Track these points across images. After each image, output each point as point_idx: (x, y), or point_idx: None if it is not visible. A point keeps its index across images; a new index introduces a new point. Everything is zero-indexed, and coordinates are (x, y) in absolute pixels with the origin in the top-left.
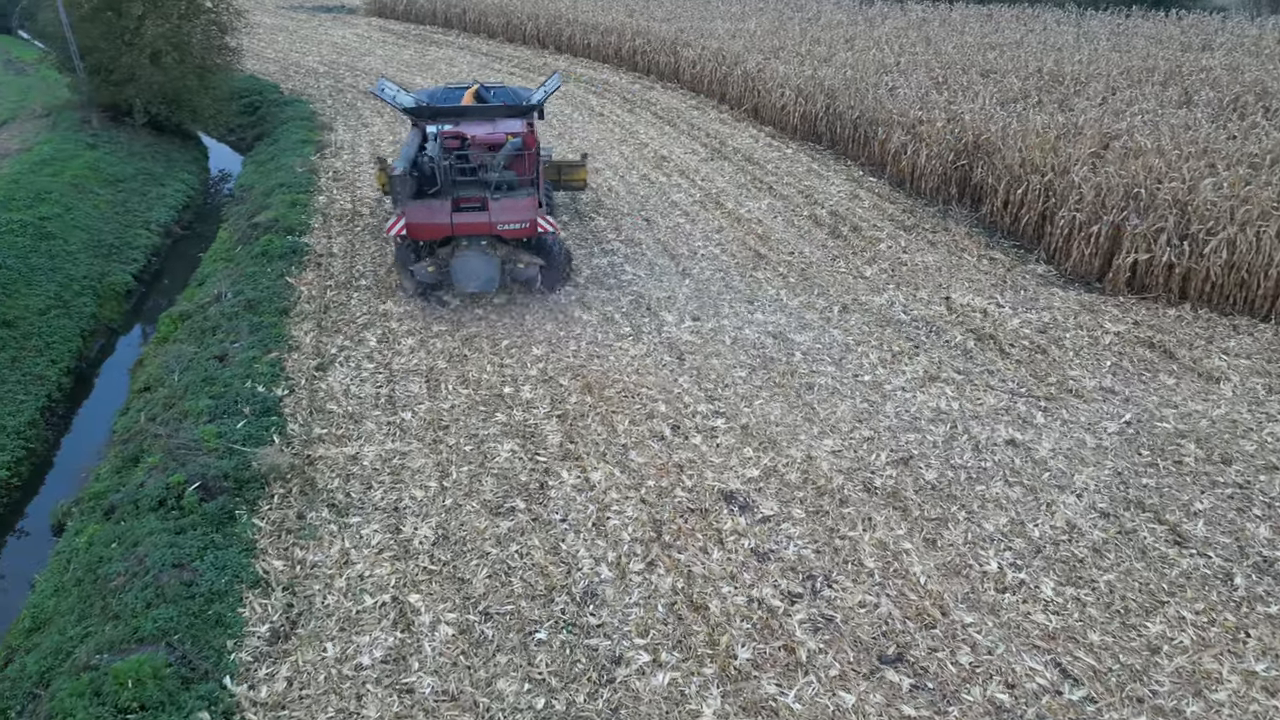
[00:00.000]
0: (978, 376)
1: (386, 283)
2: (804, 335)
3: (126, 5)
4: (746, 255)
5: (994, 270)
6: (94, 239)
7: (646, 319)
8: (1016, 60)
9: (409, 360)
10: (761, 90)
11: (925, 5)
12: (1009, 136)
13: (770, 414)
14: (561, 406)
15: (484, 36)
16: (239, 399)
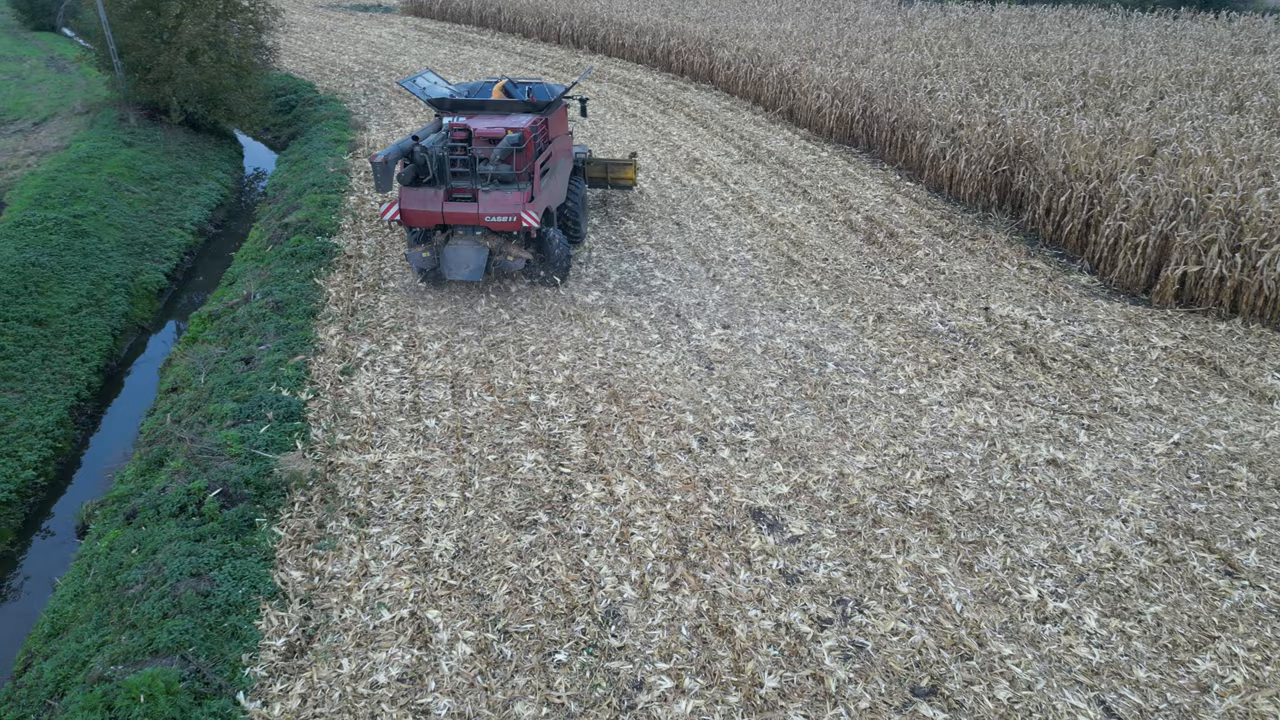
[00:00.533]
0: (1018, 392)
1: (415, 286)
2: (837, 345)
3: (165, 4)
4: (779, 261)
5: (1035, 280)
6: (128, 237)
7: (675, 326)
8: (1060, 63)
9: (434, 365)
10: (797, 92)
11: (966, 6)
12: (1052, 142)
13: (801, 427)
14: (587, 416)
15: (519, 36)
16: (263, 403)
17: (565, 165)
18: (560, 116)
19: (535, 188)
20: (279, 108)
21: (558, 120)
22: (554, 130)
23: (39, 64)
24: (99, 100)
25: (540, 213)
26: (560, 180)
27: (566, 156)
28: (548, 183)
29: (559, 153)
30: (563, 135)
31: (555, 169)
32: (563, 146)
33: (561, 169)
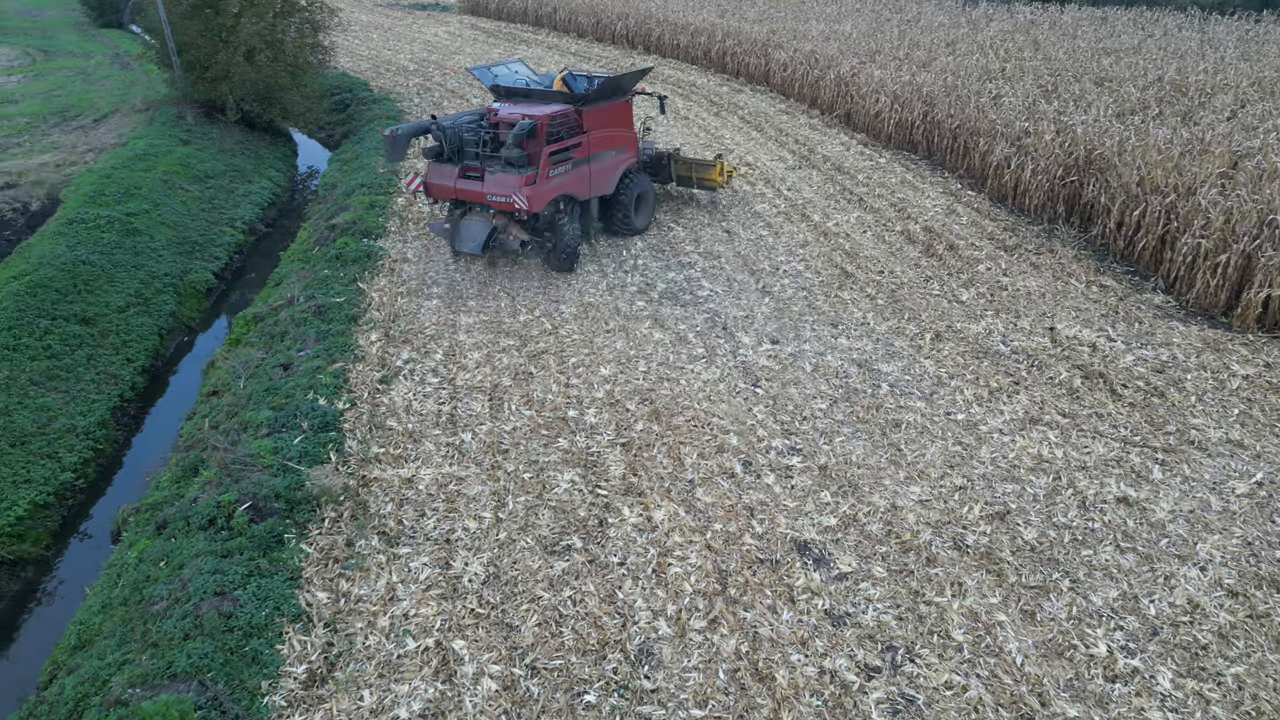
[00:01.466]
0: (1085, 420)
1: (457, 290)
2: (892, 365)
3: (224, 3)
4: (832, 273)
5: (1104, 299)
6: (179, 236)
7: (721, 340)
8: (1134, 68)
9: (473, 376)
10: (855, 95)
11: (1034, 7)
12: (1126, 152)
13: (852, 453)
14: (627, 434)
15: (573, 36)
16: (299, 412)
17: (615, 158)
18: (611, 110)
19: (541, 173)
20: (334, 106)
21: (604, 113)
22: (594, 122)
23: (104, 60)
24: (158, 98)
25: (548, 200)
26: (606, 172)
27: (620, 151)
28: (571, 171)
29: (601, 144)
30: (614, 129)
31: (595, 160)
32: (611, 139)
33: (608, 161)
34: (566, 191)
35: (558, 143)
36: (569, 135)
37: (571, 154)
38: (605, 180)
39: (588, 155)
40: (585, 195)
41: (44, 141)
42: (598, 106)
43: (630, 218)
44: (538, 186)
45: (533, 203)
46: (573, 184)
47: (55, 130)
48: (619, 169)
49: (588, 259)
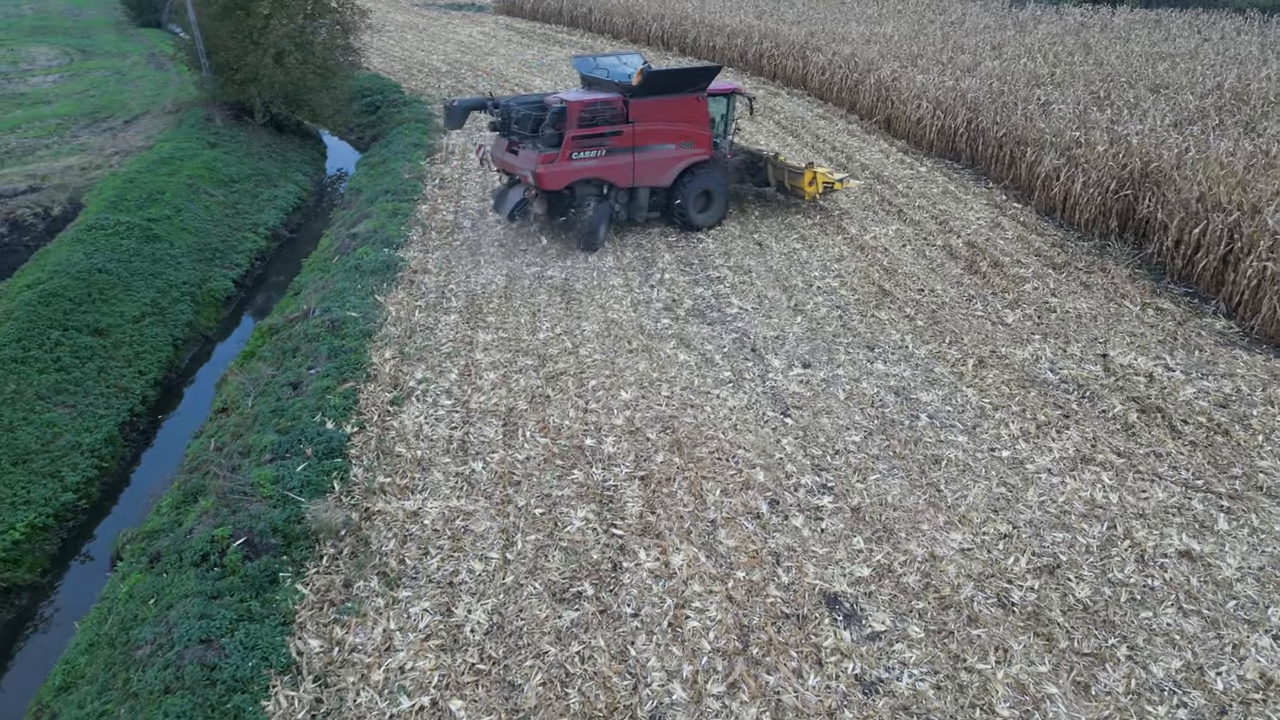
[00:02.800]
0: (1142, 460)
1: (477, 305)
2: (931, 394)
3: (255, 4)
4: (869, 291)
5: (1161, 323)
6: (200, 242)
7: (750, 363)
8: (1191, 74)
9: (488, 399)
10: (895, 101)
11: (1084, 9)
12: (1185, 165)
13: (888, 493)
14: (646, 466)
15: (608, 37)
16: (304, 436)
17: (675, 152)
18: (671, 104)
19: (561, 154)
20: (364, 108)
21: (659, 106)
22: (643, 113)
23: (140, 60)
24: (189, 99)
25: (566, 180)
26: (658, 164)
27: (683, 145)
28: (605, 158)
29: (654, 136)
30: (675, 123)
31: (643, 150)
32: (670, 133)
33: (662, 153)
34: (597, 176)
35: (590, 129)
36: (608, 124)
37: (607, 141)
38: (657, 172)
39: (631, 145)
40: (626, 183)
41: (72, 144)
42: (650, 99)
43: (687, 213)
44: (555, 166)
45: (544, 180)
46: (607, 170)
47: (85, 132)
48: (679, 163)
49: (612, 271)
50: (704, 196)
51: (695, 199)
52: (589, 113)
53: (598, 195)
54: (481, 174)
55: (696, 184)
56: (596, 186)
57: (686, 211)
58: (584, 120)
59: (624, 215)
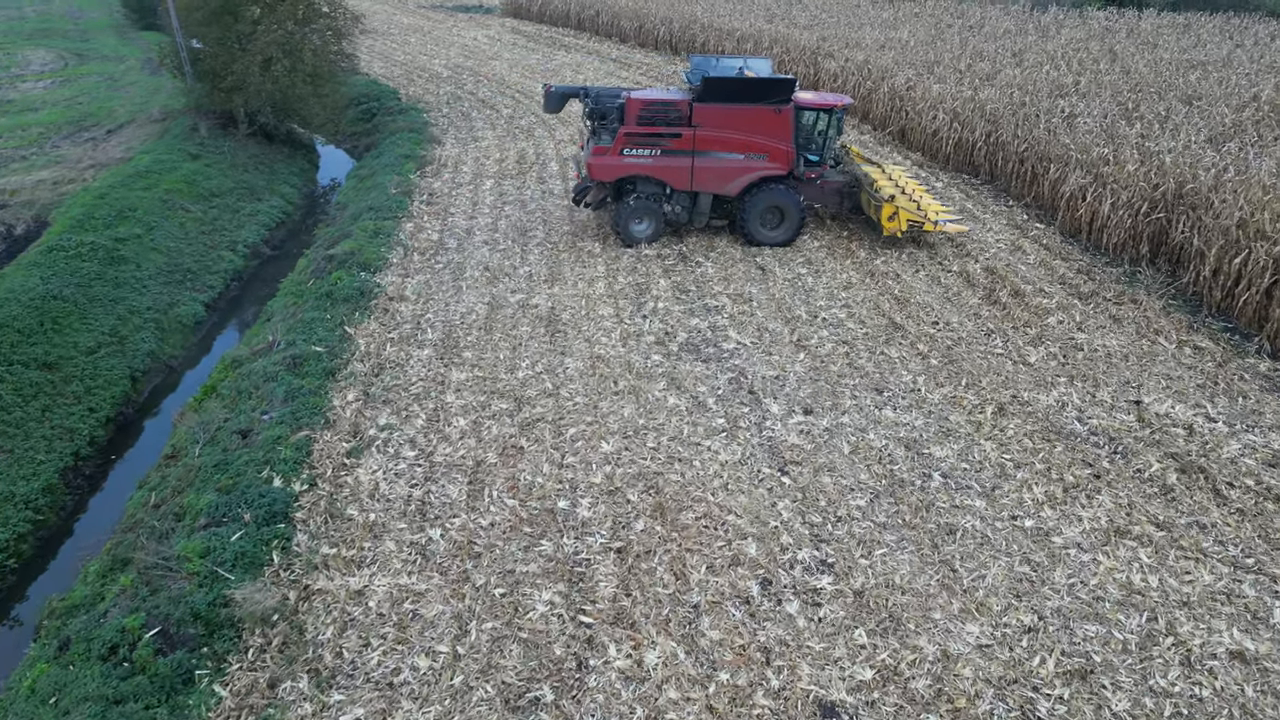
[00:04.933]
0: (1184, 533)
1: (454, 338)
2: (946, 448)
3: (243, 9)
4: (879, 324)
5: (1200, 364)
6: (170, 263)
7: (746, 408)
8: (1225, 84)
9: (455, 450)
10: (910, 111)
11: (1110, 13)
12: (1222, 187)
13: (895, 572)
14: (624, 535)
15: (615, 40)
16: (246, 497)
17: (744, 162)
18: (743, 113)
19: (613, 149)
20: (360, 115)
21: (727, 113)
22: (707, 119)
23: (135, 65)
24: (177, 107)
25: (615, 174)
26: (723, 172)
27: (753, 156)
28: (661, 158)
29: (719, 143)
30: (746, 132)
31: (705, 156)
32: (738, 142)
33: (728, 162)
34: (651, 174)
35: (648, 127)
36: (668, 125)
37: (664, 141)
38: (720, 180)
39: (691, 149)
40: (684, 187)
41: (50, 154)
42: (715, 105)
43: (748, 226)
44: (605, 159)
45: (593, 170)
46: (661, 170)
47: (66, 142)
48: (747, 174)
49: (603, 300)
50: (775, 214)
51: (762, 214)
52: (649, 112)
53: (648, 194)
54: (472, 189)
55: (763, 199)
56: (659, 185)
57: (747, 225)
58: (643, 119)
59: (684, 218)
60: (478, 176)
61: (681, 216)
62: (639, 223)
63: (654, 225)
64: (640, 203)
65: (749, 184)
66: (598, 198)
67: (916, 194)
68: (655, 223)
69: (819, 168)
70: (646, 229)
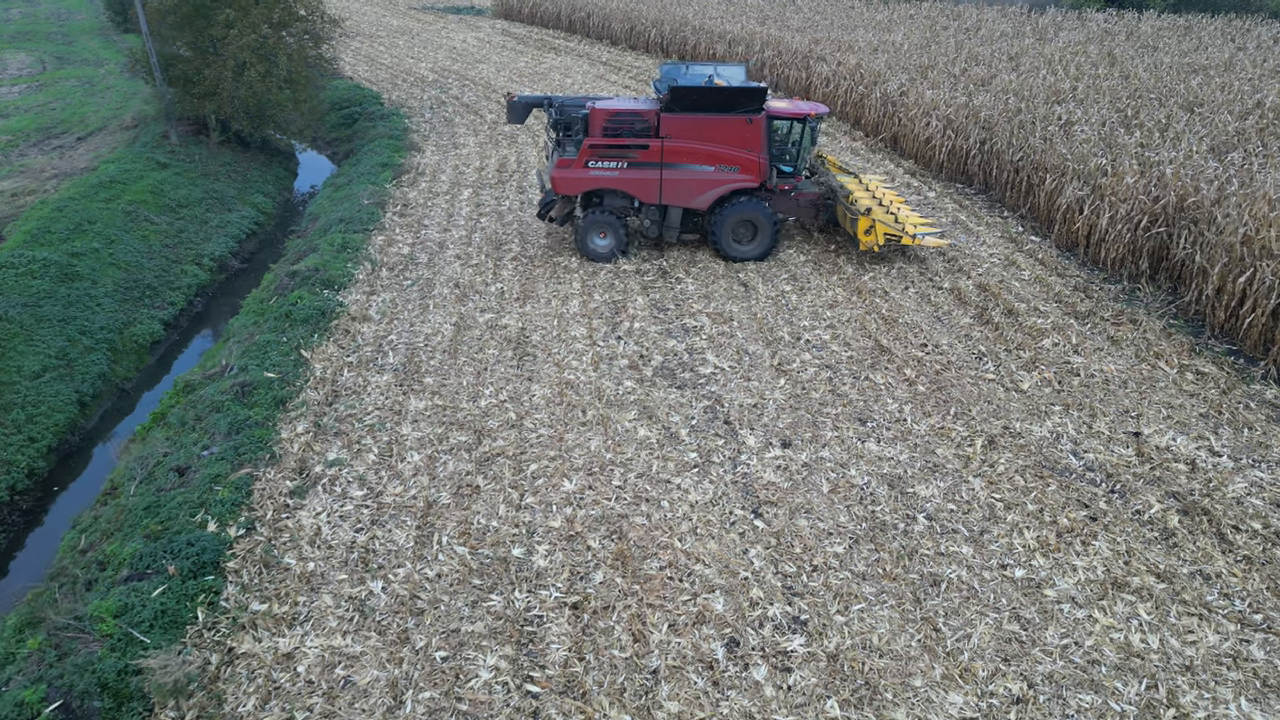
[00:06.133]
0: (1186, 584)
1: (416, 361)
2: (931, 486)
3: (215, 13)
4: (864, 346)
5: (1203, 391)
6: (129, 279)
7: (721, 440)
8: (1227, 89)
9: (407, 488)
10: (903, 118)
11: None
12: (1226, 200)
13: (873, 631)
14: (581, 588)
15: (606, 43)
16: (175, 545)
17: (714, 174)
18: (712, 124)
19: (577, 161)
20: (341, 120)
21: (697, 124)
22: (675, 129)
23: (115, 69)
24: (150, 114)
25: (580, 187)
26: (692, 184)
27: (724, 168)
28: (627, 170)
29: (687, 155)
30: (716, 144)
31: (674, 168)
32: (708, 154)
33: (698, 174)
34: (617, 188)
35: (613, 139)
36: (635, 136)
37: (631, 154)
38: (690, 193)
39: (660, 160)
40: (652, 200)
41: (15, 164)
42: (683, 115)
43: (719, 240)
44: (570, 172)
45: (557, 184)
46: (629, 183)
47: (33, 150)
48: (718, 186)
49: (576, 319)
50: (747, 228)
51: (734, 229)
52: (615, 122)
53: (615, 208)
54: (448, 199)
55: (735, 212)
56: (627, 199)
57: (719, 240)
58: (609, 130)
59: (654, 233)
60: (455, 185)
61: (651, 231)
62: (600, 238)
63: (615, 241)
64: (600, 217)
65: (720, 197)
66: (563, 212)
67: (895, 206)
68: (617, 238)
69: (793, 179)
70: (608, 245)
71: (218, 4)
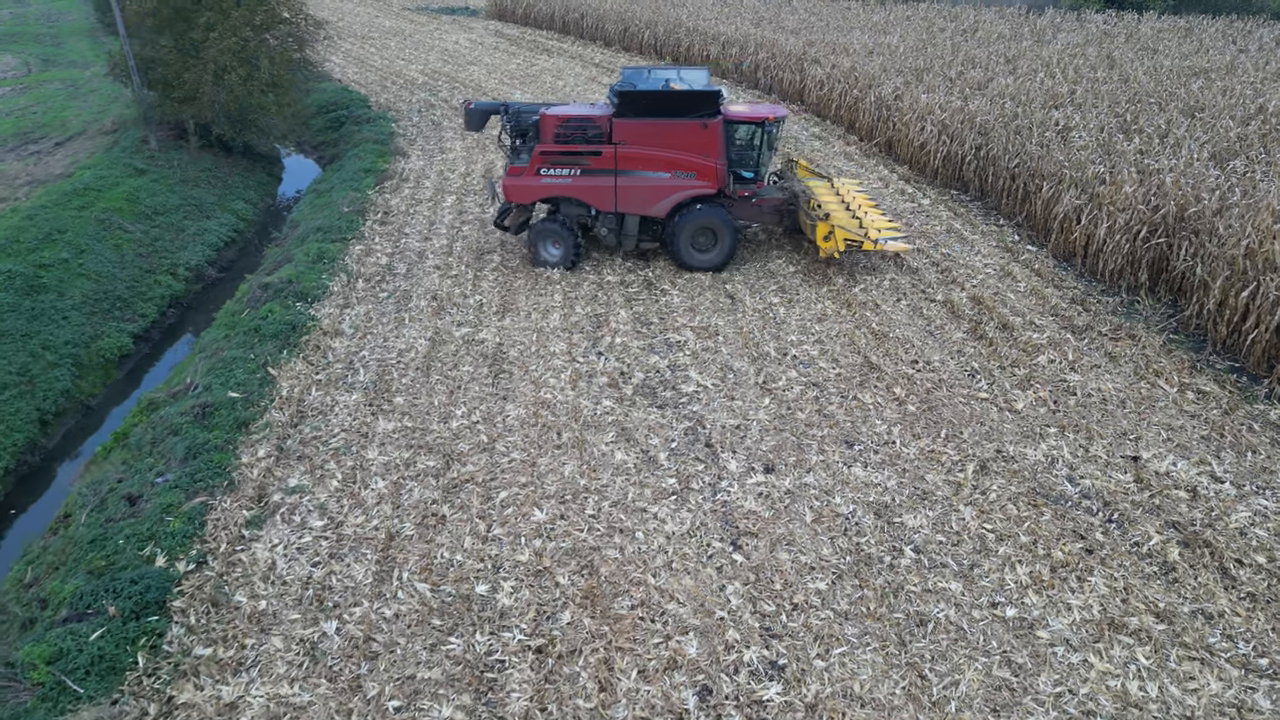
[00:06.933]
0: (1187, 625)
1: (387, 379)
2: (920, 515)
3: (195, 15)
4: (853, 362)
5: (1204, 411)
6: (99, 290)
7: (702, 465)
8: (1229, 93)
9: (369, 517)
10: (897, 123)
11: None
12: (1227, 210)
13: (855, 678)
14: (547, 629)
15: (600, 44)
16: (119, 583)
17: (670, 181)
18: (667, 129)
19: (528, 169)
20: (328, 124)
21: (651, 130)
22: (629, 136)
23: (100, 71)
24: (131, 118)
25: (533, 195)
26: (647, 192)
27: (679, 175)
28: (581, 177)
29: (642, 162)
30: (672, 150)
31: (628, 175)
32: (663, 160)
33: (653, 181)
34: (571, 195)
35: (565, 145)
36: (588, 142)
37: (584, 161)
38: (646, 200)
39: (614, 167)
40: (607, 208)
41: None
42: (636, 120)
43: (678, 249)
44: (521, 180)
45: (509, 192)
46: (583, 191)
47: (9, 156)
48: (674, 193)
49: (556, 333)
50: (707, 235)
51: (692, 236)
52: (567, 128)
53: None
54: (431, 206)
55: (692, 220)
56: (584, 207)
57: (677, 248)
58: (561, 136)
59: (612, 241)
60: (439, 192)
61: (609, 239)
62: (551, 247)
63: (566, 249)
64: (549, 225)
65: (677, 204)
66: (517, 221)
67: (864, 209)
68: (567, 247)
69: (753, 185)
70: (558, 254)
71: (198, 7)
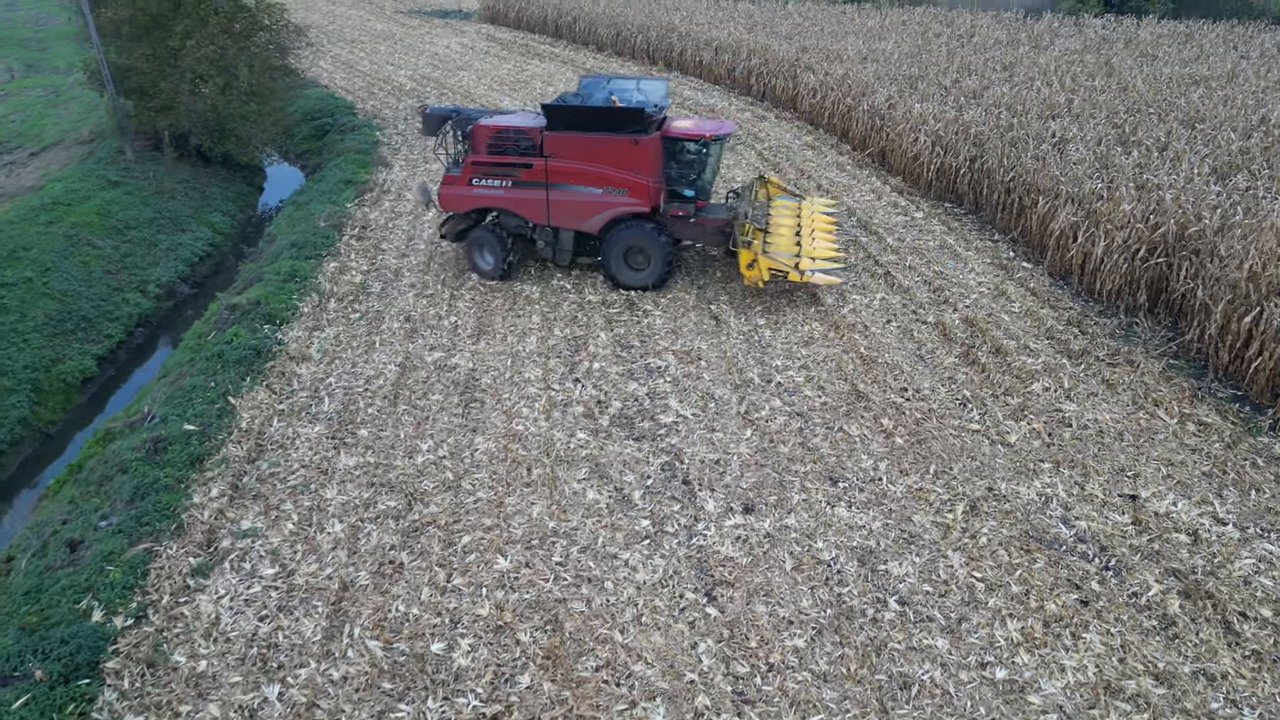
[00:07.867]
0: (1188, 687)
1: (353, 409)
2: (906, 562)
3: (171, 22)
4: (840, 391)
5: (1206, 444)
6: (63, 310)
7: (678, 505)
8: (1230, 102)
9: (323, 565)
10: (891, 133)
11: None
12: (1229, 230)
13: None
14: (504, 694)
15: (592, 49)
16: (49, 642)
17: (601, 197)
18: (600, 144)
19: (460, 178)
20: (313, 132)
21: (582, 144)
22: (559, 149)
23: (83, 78)
24: (107, 128)
25: (466, 205)
26: (580, 207)
27: (611, 191)
28: (513, 189)
29: (573, 176)
30: (604, 165)
31: (560, 189)
32: (595, 175)
33: (585, 196)
34: (504, 207)
35: (498, 156)
36: (520, 154)
37: (515, 173)
38: (578, 215)
39: (545, 181)
40: (541, 221)
41: None
42: (565, 134)
43: (610, 267)
44: (455, 189)
45: (443, 200)
46: (516, 203)
47: None
48: (605, 210)
49: (533, 358)
50: (639, 254)
51: (626, 254)
52: (499, 139)
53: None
54: (410, 219)
55: (623, 238)
56: (520, 218)
57: (610, 266)
58: (493, 147)
59: (550, 254)
60: (420, 205)
61: (546, 252)
62: (487, 255)
63: (498, 259)
64: (482, 234)
65: (611, 220)
66: (454, 230)
67: (815, 236)
68: (498, 257)
69: (693, 204)
70: (489, 263)
71: (176, 14)
